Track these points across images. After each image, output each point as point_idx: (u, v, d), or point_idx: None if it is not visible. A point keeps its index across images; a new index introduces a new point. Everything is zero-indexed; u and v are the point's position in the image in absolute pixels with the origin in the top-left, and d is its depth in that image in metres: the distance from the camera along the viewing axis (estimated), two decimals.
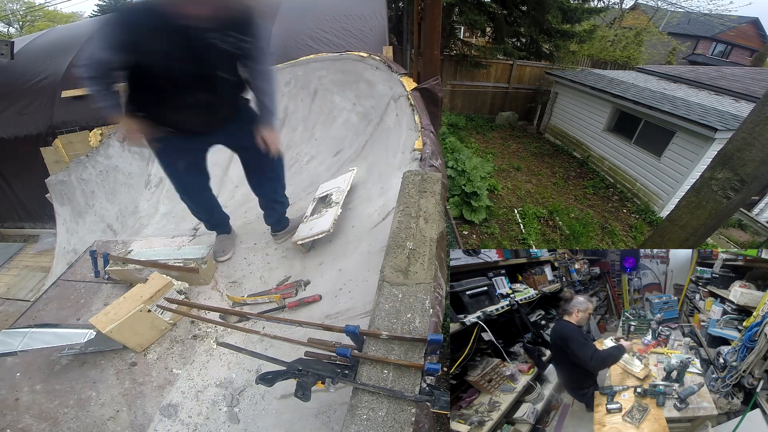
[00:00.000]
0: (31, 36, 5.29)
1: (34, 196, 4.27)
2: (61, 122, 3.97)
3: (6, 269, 4.17)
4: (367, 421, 0.77)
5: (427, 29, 4.27)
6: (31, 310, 2.01)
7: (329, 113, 3.08)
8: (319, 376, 0.89)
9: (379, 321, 0.96)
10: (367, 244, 1.87)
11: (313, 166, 2.93)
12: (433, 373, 0.83)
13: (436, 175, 1.49)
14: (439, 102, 2.52)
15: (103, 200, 3.12)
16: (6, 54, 4.09)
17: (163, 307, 1.72)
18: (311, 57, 3.29)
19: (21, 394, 1.57)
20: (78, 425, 1.44)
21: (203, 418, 1.44)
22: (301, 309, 1.80)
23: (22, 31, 18.05)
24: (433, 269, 1.09)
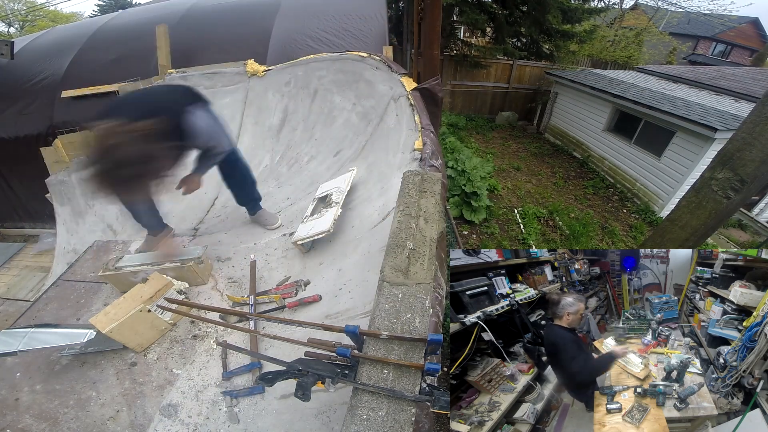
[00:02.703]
0: (31, 36, 5.29)
1: (34, 196, 4.26)
2: (61, 122, 3.97)
3: (6, 269, 4.17)
4: (367, 421, 0.77)
5: (427, 29, 4.27)
6: (31, 310, 2.01)
7: (329, 113, 3.08)
8: (319, 376, 0.89)
9: (379, 321, 0.96)
10: (367, 244, 1.87)
11: (313, 166, 2.93)
12: (433, 373, 0.83)
13: (436, 175, 1.49)
14: (439, 102, 2.52)
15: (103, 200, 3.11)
16: (6, 54, 4.08)
17: (163, 307, 1.72)
18: (311, 57, 3.29)
19: (21, 394, 1.57)
20: (78, 425, 1.44)
21: (203, 418, 1.44)
22: (301, 309, 1.80)
23: (22, 31, 18.05)
24: (433, 269, 1.09)
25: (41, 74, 4.29)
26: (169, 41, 3.62)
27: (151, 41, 3.63)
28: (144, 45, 3.87)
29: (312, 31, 4.10)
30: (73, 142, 3.52)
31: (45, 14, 18.02)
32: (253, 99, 3.37)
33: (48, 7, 16.45)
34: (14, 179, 4.58)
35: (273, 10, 4.38)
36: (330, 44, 3.93)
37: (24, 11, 17.92)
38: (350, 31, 4.10)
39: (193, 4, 4.79)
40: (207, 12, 4.62)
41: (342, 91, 3.07)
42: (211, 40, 4.14)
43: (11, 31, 18.54)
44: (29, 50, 4.69)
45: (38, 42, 4.90)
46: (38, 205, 4.43)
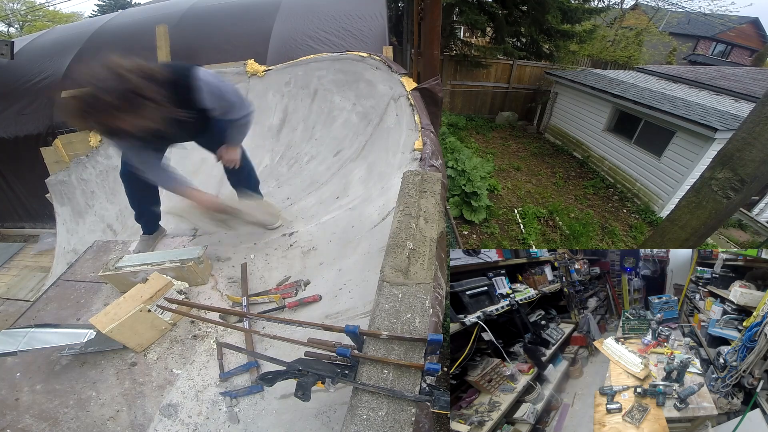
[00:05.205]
0: (31, 36, 5.29)
1: (34, 196, 4.27)
2: (61, 122, 3.97)
3: (6, 269, 4.17)
4: (367, 421, 0.77)
5: (427, 29, 4.27)
6: (31, 310, 2.01)
7: (329, 113, 3.08)
8: (319, 376, 0.89)
9: (379, 321, 0.96)
10: (367, 244, 1.87)
11: (313, 166, 2.93)
12: (433, 373, 0.83)
13: (436, 175, 1.49)
14: (439, 102, 2.52)
15: (103, 200, 3.12)
16: (6, 54, 4.08)
17: (163, 307, 1.72)
18: (311, 57, 3.29)
19: (21, 394, 1.57)
20: (78, 425, 1.44)
21: (203, 418, 1.44)
22: (301, 309, 1.80)
23: (22, 31, 18.05)
24: (433, 269, 1.09)
25: (41, 74, 4.28)
26: (169, 41, 3.62)
27: (151, 41, 3.63)
28: (144, 45, 3.87)
29: (312, 31, 4.10)
30: (73, 142, 3.52)
31: (45, 14, 18.03)
32: (253, 99, 3.37)
33: (48, 7, 16.45)
34: (14, 179, 4.58)
35: (273, 10, 4.38)
36: (330, 44, 3.93)
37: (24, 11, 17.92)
38: (350, 31, 4.10)
39: (193, 4, 4.79)
40: (207, 12, 4.62)
41: (342, 91, 3.07)
42: (211, 40, 4.14)
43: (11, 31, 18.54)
44: (29, 50, 4.69)
45: (38, 42, 4.90)
46: (38, 205, 4.43)
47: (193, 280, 2.00)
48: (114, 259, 2.08)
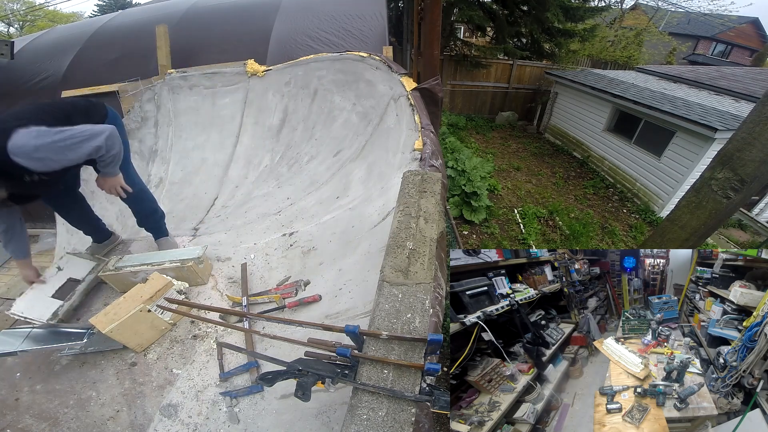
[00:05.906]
0: (31, 36, 5.28)
1: None
2: None
3: (6, 269, 4.16)
4: (367, 421, 0.77)
5: (427, 29, 4.27)
6: None
7: (329, 113, 3.08)
8: (319, 376, 0.89)
9: (379, 321, 0.96)
10: (367, 244, 1.87)
11: (313, 166, 2.93)
12: (433, 373, 0.83)
13: (436, 175, 1.49)
14: (439, 102, 2.52)
15: (103, 200, 3.11)
16: (6, 54, 4.08)
17: (163, 307, 1.72)
18: (311, 57, 3.29)
19: (21, 394, 1.57)
20: (78, 425, 1.44)
21: (203, 418, 1.44)
22: (301, 309, 1.80)
23: (22, 31, 18.05)
24: (433, 269, 1.09)
25: (41, 74, 4.28)
26: (169, 41, 3.62)
27: (151, 41, 3.63)
28: (144, 45, 3.87)
29: (312, 31, 4.09)
30: None
31: (45, 14, 18.02)
32: (253, 99, 3.37)
33: (48, 7, 16.44)
34: None
35: (273, 10, 4.38)
36: (330, 44, 3.93)
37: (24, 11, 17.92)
38: (350, 31, 4.09)
39: (193, 4, 4.79)
40: (207, 12, 4.62)
41: (342, 91, 3.07)
42: (211, 40, 4.14)
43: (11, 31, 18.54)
44: (29, 50, 4.68)
45: (38, 42, 4.89)
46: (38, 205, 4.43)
47: (193, 280, 2.00)
48: (114, 259, 2.08)
